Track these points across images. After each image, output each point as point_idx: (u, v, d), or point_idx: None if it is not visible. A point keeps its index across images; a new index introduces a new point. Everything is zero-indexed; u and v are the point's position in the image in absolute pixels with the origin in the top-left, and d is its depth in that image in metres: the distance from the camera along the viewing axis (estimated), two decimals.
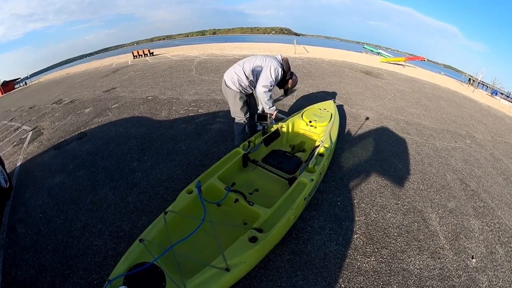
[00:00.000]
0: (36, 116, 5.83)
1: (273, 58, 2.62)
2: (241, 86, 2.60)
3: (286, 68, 2.65)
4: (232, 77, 2.58)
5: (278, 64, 2.57)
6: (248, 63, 2.58)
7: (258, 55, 2.67)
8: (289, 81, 2.78)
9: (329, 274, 1.82)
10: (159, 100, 5.43)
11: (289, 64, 2.71)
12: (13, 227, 2.37)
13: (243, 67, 2.56)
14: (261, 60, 2.57)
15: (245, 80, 2.56)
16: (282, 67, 2.61)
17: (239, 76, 2.55)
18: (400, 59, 16.82)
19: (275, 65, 2.53)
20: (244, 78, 2.56)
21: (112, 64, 14.03)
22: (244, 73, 2.55)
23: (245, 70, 2.55)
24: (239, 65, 2.60)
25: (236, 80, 2.57)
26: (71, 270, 1.86)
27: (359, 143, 3.72)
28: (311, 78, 7.50)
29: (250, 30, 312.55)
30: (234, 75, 2.57)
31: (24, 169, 3.43)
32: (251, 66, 2.55)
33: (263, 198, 2.09)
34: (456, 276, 1.92)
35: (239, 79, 2.56)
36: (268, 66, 2.53)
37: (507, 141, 5.36)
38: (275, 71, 2.52)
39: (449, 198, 2.86)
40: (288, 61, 2.72)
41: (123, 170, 3.01)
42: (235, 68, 2.61)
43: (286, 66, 2.65)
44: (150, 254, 1.40)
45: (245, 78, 2.56)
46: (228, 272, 1.34)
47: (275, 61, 2.57)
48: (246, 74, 2.55)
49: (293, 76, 2.78)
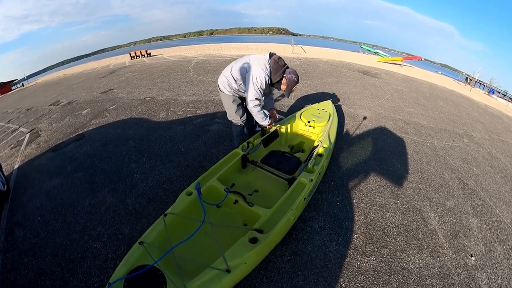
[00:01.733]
0: (34, 118, 5.79)
1: (260, 61, 2.38)
2: (233, 89, 2.54)
3: (274, 69, 2.37)
4: (223, 81, 2.55)
5: (263, 69, 2.33)
6: (236, 66, 2.48)
7: (246, 56, 2.52)
8: (283, 81, 2.44)
9: (330, 274, 1.82)
10: (157, 101, 5.41)
11: (280, 63, 2.39)
12: (11, 230, 2.35)
13: (231, 71, 2.49)
14: (247, 64, 2.40)
15: (235, 84, 2.50)
16: (269, 71, 2.36)
17: (229, 80, 2.51)
18: (398, 58, 16.91)
19: (259, 72, 2.32)
20: (233, 82, 2.50)
21: (110, 65, 13.97)
22: (233, 77, 2.48)
23: (233, 74, 2.48)
24: (228, 69, 2.54)
25: (227, 84, 2.53)
26: (70, 274, 1.85)
27: (357, 143, 3.73)
28: (309, 78, 7.51)
29: (247, 31, 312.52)
30: (224, 79, 2.53)
31: (22, 171, 3.41)
32: (238, 70, 2.44)
33: (262, 199, 2.09)
34: (456, 274, 1.94)
35: (229, 83, 2.51)
36: (252, 75, 2.33)
37: (505, 140, 5.40)
38: (259, 80, 2.32)
39: (447, 197, 2.87)
40: (278, 59, 2.40)
41: (122, 172, 3.00)
42: (225, 72, 2.56)
43: (274, 67, 2.37)
44: (150, 257, 1.39)
45: (234, 82, 2.50)
46: (229, 274, 1.33)
47: (260, 66, 2.34)
48: (235, 78, 2.48)
49: (289, 74, 2.39)
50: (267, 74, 2.35)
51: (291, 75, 2.40)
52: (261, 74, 2.32)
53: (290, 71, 2.41)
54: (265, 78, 2.34)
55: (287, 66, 2.46)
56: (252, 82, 2.33)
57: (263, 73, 2.32)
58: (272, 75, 2.39)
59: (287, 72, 2.41)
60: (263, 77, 2.33)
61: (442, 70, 29.89)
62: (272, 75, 2.39)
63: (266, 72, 2.35)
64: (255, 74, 2.32)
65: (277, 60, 2.38)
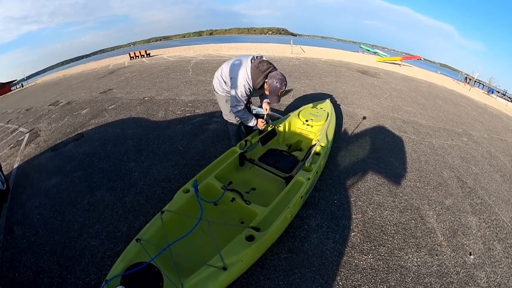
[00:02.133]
0: (33, 118, 5.80)
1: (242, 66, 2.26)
2: (225, 90, 2.53)
3: (254, 74, 2.20)
4: (216, 82, 2.55)
5: (243, 77, 2.23)
6: (225, 69, 2.43)
7: (234, 58, 2.43)
8: (265, 87, 2.26)
9: (327, 272, 1.82)
10: (156, 101, 5.42)
11: (261, 67, 2.20)
12: (11, 229, 2.36)
13: (221, 73, 2.48)
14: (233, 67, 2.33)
15: (225, 85, 2.49)
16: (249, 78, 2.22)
17: (220, 81, 2.50)
18: (397, 58, 16.93)
19: (240, 80, 2.24)
20: (223, 83, 2.49)
21: (109, 65, 13.98)
22: (222, 79, 2.48)
23: (223, 76, 2.47)
24: (219, 71, 2.52)
25: (219, 85, 2.53)
26: (68, 271, 1.85)
27: (356, 142, 3.73)
28: (307, 78, 7.52)
29: (247, 31, 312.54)
30: (217, 81, 2.53)
31: (21, 171, 3.41)
32: (226, 72, 2.39)
33: (260, 197, 2.09)
34: (454, 273, 1.94)
35: (221, 84, 2.51)
36: (234, 82, 2.28)
37: (504, 139, 5.40)
38: (238, 89, 2.26)
39: (446, 195, 2.87)
40: (259, 64, 2.21)
41: (120, 171, 3.00)
42: (217, 74, 2.55)
43: (254, 73, 2.20)
44: (147, 254, 1.40)
45: (224, 83, 2.49)
46: (226, 271, 1.34)
47: (241, 73, 2.24)
48: (224, 80, 2.47)
49: (270, 79, 2.18)
50: (247, 82, 2.24)
51: (272, 80, 2.17)
52: (240, 83, 2.24)
53: (272, 75, 2.19)
54: (244, 86, 2.25)
55: (272, 69, 2.25)
56: (233, 90, 2.31)
57: (242, 81, 2.24)
58: (253, 82, 2.25)
59: (269, 77, 2.20)
60: (242, 86, 2.25)
61: (441, 70, 29.89)
62: (253, 81, 2.24)
63: (246, 80, 2.23)
64: (236, 82, 2.26)
65: (257, 65, 2.21)
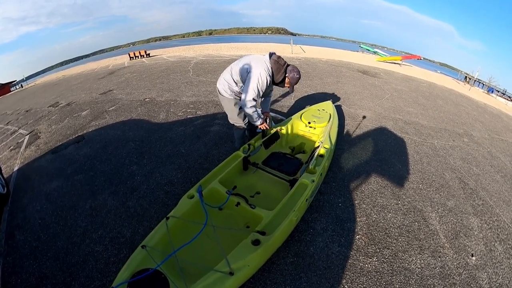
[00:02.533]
0: (33, 120, 5.78)
1: (260, 61, 2.37)
2: (234, 92, 2.51)
3: (276, 69, 2.37)
4: (223, 84, 2.51)
5: (265, 70, 2.32)
6: (236, 68, 2.43)
7: (246, 57, 2.49)
8: (286, 80, 2.45)
9: (332, 276, 1.82)
10: (157, 102, 5.40)
11: (281, 62, 2.39)
12: (12, 233, 2.34)
13: (231, 73, 2.46)
14: (248, 65, 2.37)
15: (235, 86, 2.47)
16: (270, 72, 2.36)
17: (229, 83, 2.47)
18: (397, 58, 16.97)
19: (262, 73, 2.30)
20: (234, 84, 2.47)
21: (109, 66, 13.95)
22: (233, 79, 2.45)
23: (233, 76, 2.44)
24: (228, 71, 2.50)
25: (227, 88, 2.49)
26: (72, 278, 1.84)
27: (358, 144, 3.73)
28: (308, 78, 7.51)
29: (246, 30, 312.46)
30: (224, 82, 2.49)
31: (22, 173, 3.39)
32: (238, 72, 2.40)
33: (264, 200, 2.08)
34: (457, 274, 1.94)
35: (230, 86, 2.48)
36: (253, 75, 2.31)
37: (504, 139, 5.42)
38: (260, 80, 2.30)
39: (448, 197, 2.88)
40: (278, 59, 2.39)
41: (122, 174, 2.99)
42: (224, 75, 2.52)
43: (275, 67, 2.37)
44: (153, 260, 1.39)
45: (235, 84, 2.46)
46: (232, 276, 1.33)
47: (262, 67, 2.32)
48: (235, 80, 2.45)
49: (291, 73, 2.41)
50: (269, 75, 2.35)
51: (293, 74, 2.41)
52: (263, 75, 2.30)
53: (291, 69, 2.42)
54: (267, 78, 2.33)
55: (288, 64, 2.44)
56: (253, 82, 2.31)
57: (265, 74, 2.31)
58: (274, 76, 2.39)
59: (289, 71, 2.41)
60: (265, 78, 2.32)
61: (441, 69, 29.96)
62: (275, 75, 2.39)
63: (268, 73, 2.34)
64: (256, 75, 2.30)
65: (277, 60, 2.37)
